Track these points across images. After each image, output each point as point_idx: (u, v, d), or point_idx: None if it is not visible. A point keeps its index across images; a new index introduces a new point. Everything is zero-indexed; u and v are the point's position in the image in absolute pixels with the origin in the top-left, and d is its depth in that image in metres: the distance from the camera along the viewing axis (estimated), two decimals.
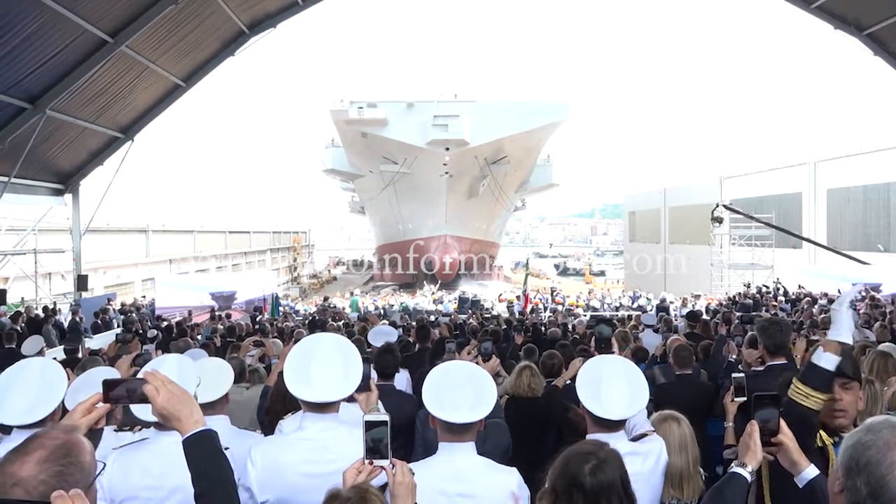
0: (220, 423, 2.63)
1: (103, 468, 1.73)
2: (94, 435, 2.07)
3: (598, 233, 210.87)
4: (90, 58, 14.43)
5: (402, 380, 5.60)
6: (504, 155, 36.61)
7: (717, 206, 23.72)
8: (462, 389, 2.52)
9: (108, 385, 2.05)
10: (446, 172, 35.87)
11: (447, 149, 34.43)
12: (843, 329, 2.49)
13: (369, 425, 2.07)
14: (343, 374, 2.48)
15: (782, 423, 2.15)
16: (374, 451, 2.05)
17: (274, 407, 3.96)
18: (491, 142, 35.22)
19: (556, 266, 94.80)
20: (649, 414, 3.26)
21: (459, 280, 41.77)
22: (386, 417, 2.10)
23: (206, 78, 18.61)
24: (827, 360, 2.48)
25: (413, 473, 2.06)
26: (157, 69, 16.71)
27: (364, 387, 2.69)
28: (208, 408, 2.86)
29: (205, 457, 1.96)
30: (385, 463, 2.05)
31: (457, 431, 2.50)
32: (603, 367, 2.71)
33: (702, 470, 3.14)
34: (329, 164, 42.51)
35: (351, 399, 2.75)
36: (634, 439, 2.77)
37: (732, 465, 2.15)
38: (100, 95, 16.30)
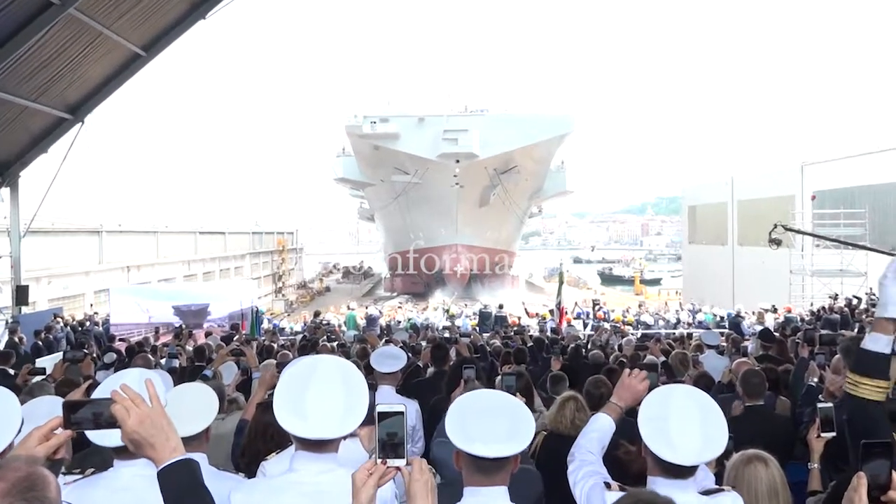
0: None
1: None
2: (53, 467, 2.09)
3: (651, 232, 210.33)
4: (32, 23, 14.48)
5: (410, 411, 5.58)
6: (514, 165, 44.02)
7: (776, 226, 23.60)
8: (495, 418, 2.52)
9: (70, 407, 2.05)
10: (457, 183, 42.97)
11: (457, 161, 41.74)
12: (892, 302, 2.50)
13: (382, 416, 2.12)
14: (344, 406, 2.46)
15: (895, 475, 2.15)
16: (387, 447, 2.10)
17: (253, 445, 3.97)
18: (499, 154, 42.55)
19: (600, 273, 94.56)
20: (730, 454, 3.24)
21: (472, 288, 48.43)
22: (402, 408, 2.14)
23: (173, 47, 18.71)
24: (877, 341, 2.49)
25: (435, 474, 2.09)
26: (112, 36, 16.83)
27: (369, 420, 2.72)
28: (185, 444, 2.87)
29: (184, 491, 1.98)
30: (401, 463, 2.09)
31: (488, 471, 2.50)
32: (671, 400, 2.66)
33: None
34: (340, 173, 50.19)
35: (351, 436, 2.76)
36: (705, 493, 2.74)
37: None
38: (43, 68, 16.43)
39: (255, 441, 3.97)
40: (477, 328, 23.69)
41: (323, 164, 51.62)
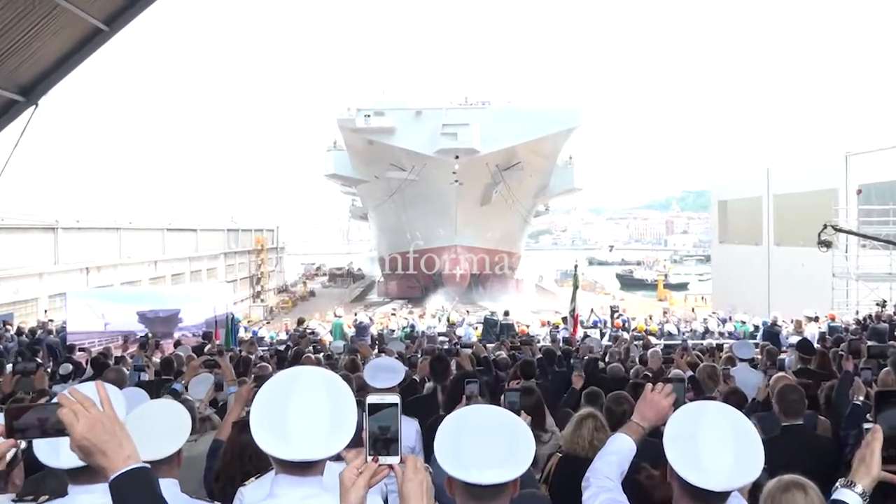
0: (168, 491, 2.64)
1: None
2: None
3: (676, 230, 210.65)
4: None
5: (410, 431, 5.62)
6: (517, 161, 46.64)
7: (825, 226, 23.56)
8: (489, 439, 2.51)
9: (12, 414, 2.06)
10: (456, 180, 45.40)
11: (457, 157, 44.22)
12: None
13: (374, 409, 2.09)
14: (330, 424, 2.43)
15: None
16: (379, 442, 2.07)
17: (228, 469, 3.97)
18: (502, 149, 45.10)
19: (619, 276, 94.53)
20: (765, 480, 3.22)
21: (473, 292, 50.76)
22: (396, 399, 2.12)
23: (139, 21, 18.65)
24: None
25: (430, 472, 2.09)
26: (69, 7, 16.79)
27: (357, 441, 2.70)
28: (153, 469, 2.84)
29: (139, 502, 1.98)
30: (394, 460, 2.07)
31: (483, 499, 2.48)
32: (701, 418, 2.65)
33: None
34: (331, 169, 52.24)
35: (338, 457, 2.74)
36: None
37: (838, 485, 2.14)
38: None
39: (232, 464, 3.96)
40: (481, 338, 23.66)
41: (308, 156, 55.14)
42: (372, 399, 2.11)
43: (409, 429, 5.58)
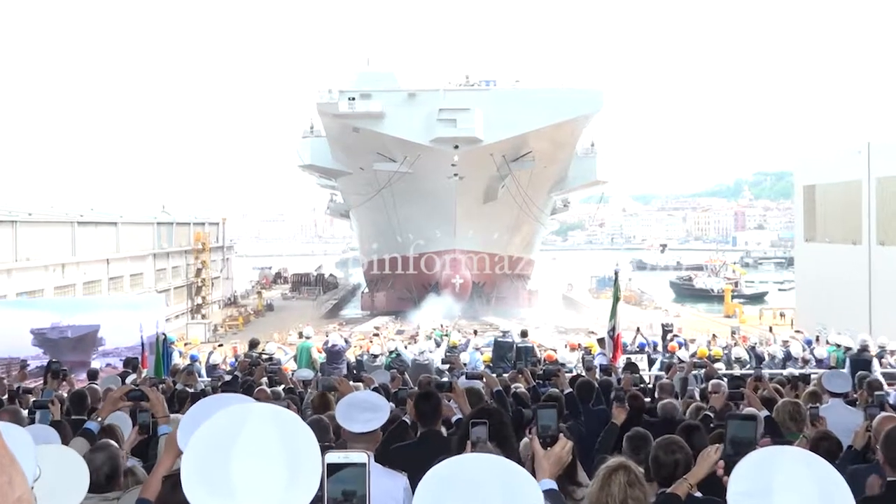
0: None
1: None
2: None
3: (749, 224, 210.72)
4: None
5: (396, 490, 5.60)
6: (527, 151, 48.35)
7: None
8: (479, 500, 2.44)
9: None
10: (455, 174, 47.42)
11: (456, 147, 45.99)
12: None
13: (334, 469, 2.11)
14: (287, 475, 2.35)
15: None
16: None
17: None
18: (509, 138, 46.51)
19: (674, 285, 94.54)
20: None
21: (475, 306, 53.21)
22: (363, 457, 2.13)
23: None
24: None
25: None
26: None
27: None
28: None
29: None
30: None
31: None
32: (776, 469, 2.61)
33: None
34: (307, 159, 55.15)
35: None
36: None
37: None
38: None
39: None
40: (489, 363, 23.63)
41: (268, 137, 56.83)
42: (333, 457, 2.12)
43: (395, 486, 5.58)
